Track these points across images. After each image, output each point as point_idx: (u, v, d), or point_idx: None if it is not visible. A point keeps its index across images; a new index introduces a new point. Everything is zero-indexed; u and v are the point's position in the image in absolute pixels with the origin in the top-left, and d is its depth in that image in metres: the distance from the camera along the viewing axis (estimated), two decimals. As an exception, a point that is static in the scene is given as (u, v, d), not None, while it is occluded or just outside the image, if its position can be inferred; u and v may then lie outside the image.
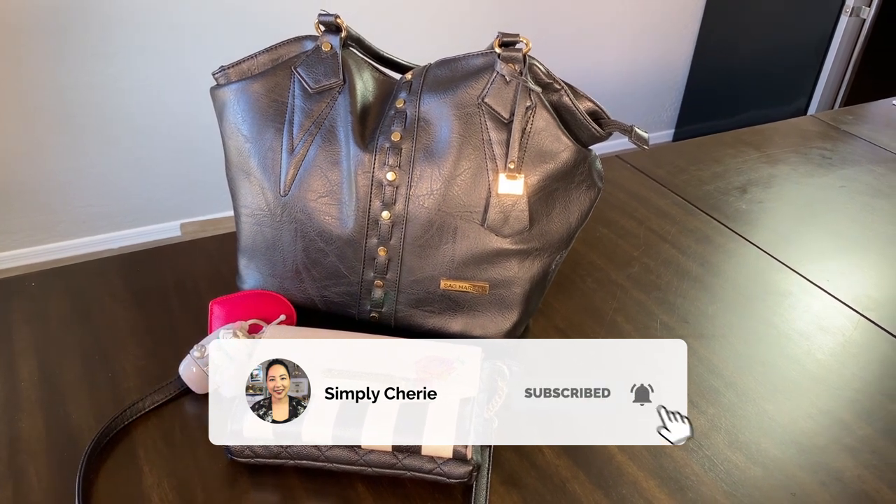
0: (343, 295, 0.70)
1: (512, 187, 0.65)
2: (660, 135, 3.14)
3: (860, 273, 0.88)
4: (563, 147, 0.65)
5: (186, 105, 2.19)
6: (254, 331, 0.68)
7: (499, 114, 0.65)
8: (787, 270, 0.88)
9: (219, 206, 2.38)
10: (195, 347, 0.64)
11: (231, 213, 0.72)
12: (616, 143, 2.91)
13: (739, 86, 2.83)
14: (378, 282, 0.69)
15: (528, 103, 0.64)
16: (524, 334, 0.75)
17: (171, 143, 2.23)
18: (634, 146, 0.66)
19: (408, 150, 0.66)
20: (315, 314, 0.72)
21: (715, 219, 0.98)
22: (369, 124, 0.67)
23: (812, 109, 2.55)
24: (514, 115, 0.64)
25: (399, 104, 0.67)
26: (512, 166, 0.65)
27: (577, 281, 0.84)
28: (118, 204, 2.20)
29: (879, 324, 0.80)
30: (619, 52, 2.85)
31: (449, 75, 0.67)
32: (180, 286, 0.79)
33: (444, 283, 0.69)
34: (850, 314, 0.81)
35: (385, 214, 0.66)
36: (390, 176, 0.66)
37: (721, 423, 0.66)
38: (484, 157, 0.65)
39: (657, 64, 2.97)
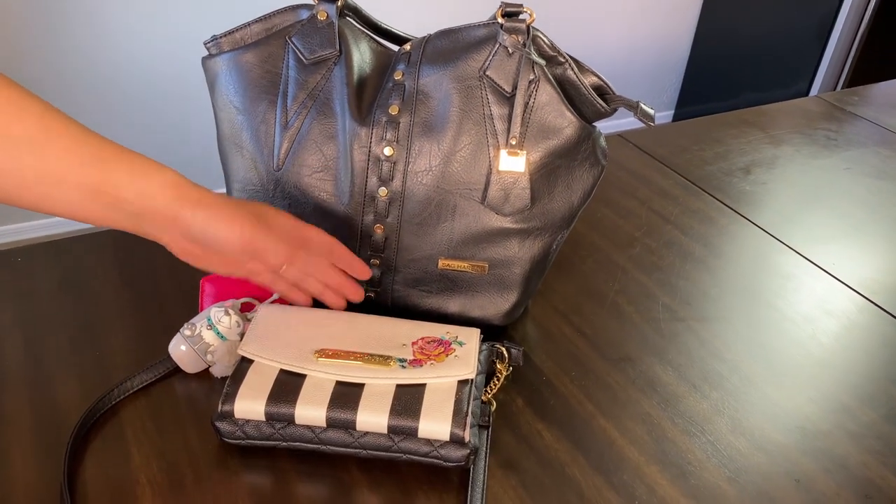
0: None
1: (513, 164, 0.63)
2: (659, 116, 3.11)
3: (865, 256, 0.87)
4: (566, 123, 0.63)
5: (179, 80, 2.15)
6: (246, 309, 0.66)
7: (501, 87, 0.62)
8: (791, 253, 0.86)
9: (214, 184, 2.35)
10: (185, 326, 0.62)
11: (225, 190, 0.70)
12: (617, 123, 2.88)
13: (740, 67, 2.80)
14: (374, 260, 0.67)
15: (532, 77, 0.62)
16: (523, 316, 0.74)
17: (165, 118, 2.20)
18: (635, 126, 0.63)
19: (406, 124, 0.63)
20: (309, 293, 0.70)
21: (718, 199, 0.96)
22: (366, 97, 0.65)
23: (814, 92, 2.53)
24: (516, 88, 0.62)
25: (397, 76, 0.65)
26: (514, 142, 0.63)
27: (578, 262, 0.82)
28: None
29: (884, 307, 0.78)
30: (619, 32, 2.82)
31: (449, 47, 0.64)
32: (171, 263, 0.77)
33: (441, 263, 0.67)
34: (854, 297, 0.80)
35: (382, 191, 0.64)
36: (388, 151, 0.63)
37: (724, 407, 0.65)
38: (485, 132, 0.63)
39: (657, 44, 2.93)
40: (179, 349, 0.61)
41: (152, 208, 0.52)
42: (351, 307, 0.68)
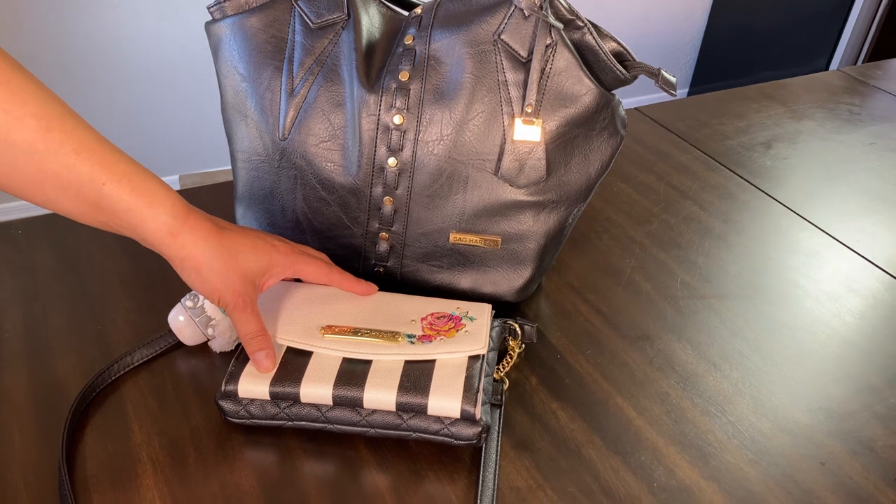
0: (346, 248, 0.66)
1: (529, 133, 0.61)
2: (668, 100, 3.06)
3: (891, 232, 0.84)
4: (585, 90, 0.61)
5: (186, 52, 2.13)
6: (251, 283, 0.64)
7: (516, 52, 0.60)
8: (813, 229, 0.84)
9: (220, 159, 2.33)
10: (187, 296, 0.60)
11: (230, 163, 0.68)
12: (637, 100, 2.84)
13: (757, 44, 2.74)
14: (383, 234, 0.65)
15: (549, 41, 0.59)
16: (536, 292, 0.71)
17: (170, 92, 2.17)
18: (653, 99, 0.60)
19: (416, 91, 0.61)
20: (316, 267, 0.68)
21: (738, 175, 0.93)
22: (375, 63, 0.62)
23: (833, 69, 2.47)
24: (532, 53, 0.59)
25: (408, 41, 0.62)
26: (529, 110, 0.60)
27: (593, 237, 0.80)
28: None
29: (912, 286, 0.75)
30: (633, 8, 2.76)
31: (462, 10, 0.61)
32: (175, 236, 0.75)
33: (453, 237, 0.64)
34: (880, 275, 0.77)
35: (391, 161, 0.62)
36: (397, 119, 0.61)
37: (745, 387, 0.62)
38: (499, 99, 0.60)
39: (672, 20, 2.87)
40: (178, 320, 0.59)
41: (148, 241, 0.51)
42: (359, 282, 0.66)
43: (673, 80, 0.61)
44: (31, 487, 0.50)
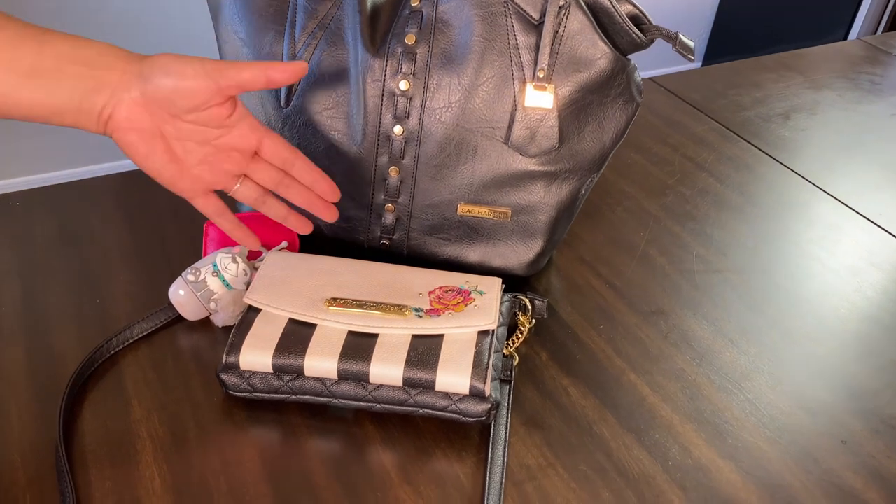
0: (351, 220, 0.64)
1: (540, 100, 0.58)
2: (686, 69, 3.01)
3: (914, 206, 0.81)
4: (599, 54, 0.58)
5: (184, 14, 2.09)
6: (253, 257, 0.62)
7: (528, 13, 0.57)
8: (833, 202, 0.81)
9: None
10: (188, 270, 0.58)
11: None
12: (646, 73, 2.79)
13: (771, 16, 2.68)
14: (389, 206, 0.63)
15: (562, 2, 0.57)
16: (547, 266, 0.69)
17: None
18: (668, 68, 0.58)
19: (423, 55, 0.58)
20: (320, 240, 0.66)
21: (755, 146, 0.90)
22: (380, 26, 0.60)
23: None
24: (544, 15, 0.57)
25: (414, 3, 0.59)
26: (541, 75, 0.57)
27: (606, 210, 0.77)
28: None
29: (936, 261, 0.73)
30: (646, -20, 2.70)
31: (471, -30, 0.59)
32: (175, 208, 0.73)
33: (461, 209, 0.62)
34: (903, 250, 0.74)
35: (397, 130, 0.60)
36: (403, 85, 0.59)
37: (763, 364, 0.60)
38: (510, 64, 0.58)
39: (685, -7, 2.81)
40: (179, 294, 0.58)
41: (103, 64, 0.46)
42: (365, 255, 0.64)
43: (691, 44, 0.59)
44: (28, 464, 0.49)
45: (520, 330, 0.60)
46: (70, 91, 0.45)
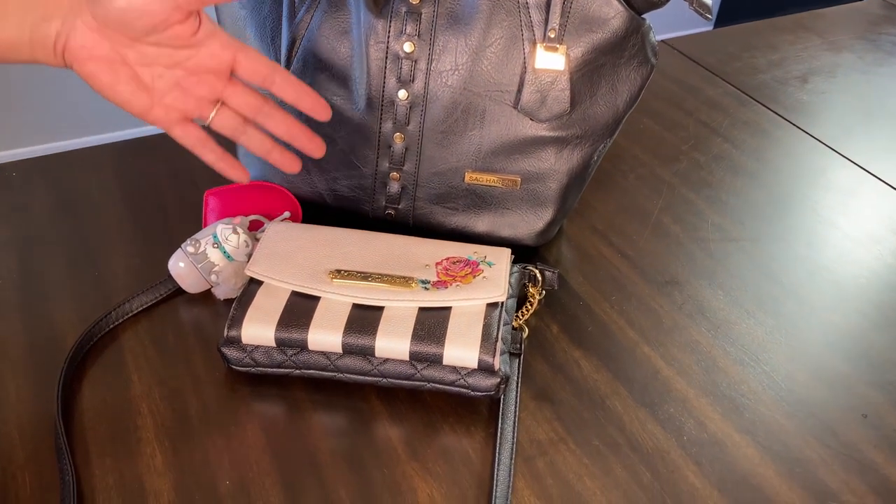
0: (355, 189, 0.62)
1: (551, 61, 0.56)
2: (699, 31, 2.94)
3: (937, 171, 0.78)
4: (613, 13, 0.55)
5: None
6: (254, 228, 0.61)
7: (537, -30, 0.54)
8: (853, 167, 0.78)
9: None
10: (188, 241, 0.56)
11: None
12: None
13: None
14: (394, 174, 0.61)
15: (573, -43, 0.54)
16: (557, 236, 0.67)
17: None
18: (676, 35, 0.55)
19: (428, 15, 0.56)
20: (324, 210, 0.64)
21: (772, 110, 0.87)
22: (383, -15, 0.57)
23: None
24: (555, -29, 0.54)
25: (418, -40, 0.57)
26: (552, 35, 0.55)
27: (618, 177, 0.75)
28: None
29: (960, 228, 0.71)
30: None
31: (478, -76, 0.56)
32: (175, 178, 0.71)
33: (469, 176, 0.60)
34: (926, 217, 0.72)
35: (402, 94, 0.57)
36: (408, 47, 0.56)
37: (781, 335, 0.58)
38: (519, 24, 0.55)
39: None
40: (179, 266, 0.56)
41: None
42: (369, 226, 0.62)
43: (708, 1, 0.56)
44: (26, 441, 0.48)
45: (529, 302, 0.59)
46: (18, 23, 0.42)
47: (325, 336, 0.50)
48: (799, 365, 0.56)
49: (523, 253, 0.64)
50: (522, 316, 0.58)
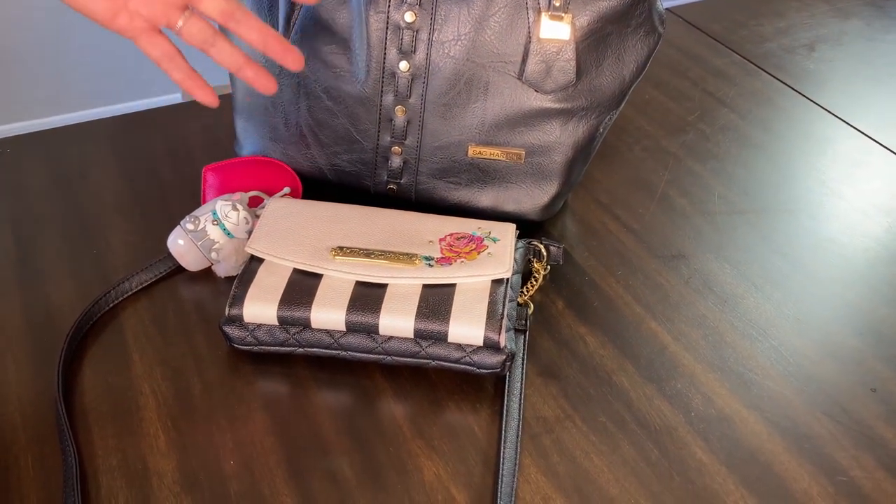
0: (356, 163, 0.61)
1: (557, 31, 0.54)
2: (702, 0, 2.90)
3: (947, 141, 0.77)
4: (619, -21, 0.54)
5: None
6: (254, 204, 0.60)
7: (542, -65, 0.53)
8: (861, 137, 0.77)
9: (220, 73, 2.25)
10: (187, 218, 0.55)
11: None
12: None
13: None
14: (396, 148, 0.59)
15: (580, -78, 0.52)
16: (562, 210, 0.66)
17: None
18: (681, 3, 0.54)
19: (430, -16, 0.54)
20: (324, 186, 0.63)
21: (779, 79, 0.86)
22: (383, -48, 0.55)
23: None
24: (561, -63, 0.52)
25: (419, -74, 0.55)
26: (557, 3, 0.53)
27: (624, 149, 0.74)
28: (117, 76, 2.08)
29: (970, 198, 0.70)
30: None
31: None
32: (173, 153, 0.70)
33: (472, 150, 0.59)
34: (935, 187, 0.71)
35: (403, 66, 0.56)
36: (409, 17, 0.55)
37: (789, 309, 0.58)
38: (523, -8, 0.54)
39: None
40: (178, 244, 0.55)
41: None
42: (371, 201, 0.61)
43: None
44: (28, 422, 0.48)
45: (534, 277, 0.58)
46: None
47: (328, 314, 0.50)
48: (807, 339, 0.56)
49: (528, 228, 0.63)
50: (527, 292, 0.57)
